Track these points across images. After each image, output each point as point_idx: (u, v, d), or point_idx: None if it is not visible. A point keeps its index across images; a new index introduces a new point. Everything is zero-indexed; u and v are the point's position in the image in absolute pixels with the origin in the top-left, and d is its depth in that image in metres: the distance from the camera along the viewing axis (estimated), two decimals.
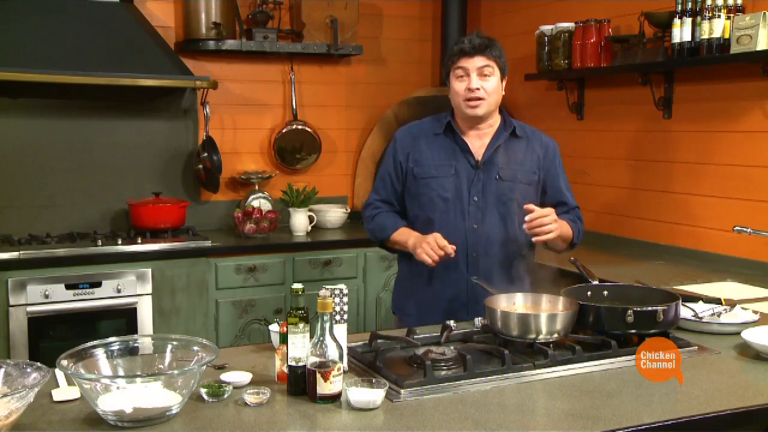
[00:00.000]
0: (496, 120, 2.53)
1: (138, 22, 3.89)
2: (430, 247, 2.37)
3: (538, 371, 1.88)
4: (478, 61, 2.40)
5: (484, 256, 2.47)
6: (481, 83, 2.41)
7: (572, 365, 1.92)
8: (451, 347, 1.99)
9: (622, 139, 3.81)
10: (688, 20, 3.18)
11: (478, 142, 2.51)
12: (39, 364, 1.64)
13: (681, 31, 3.20)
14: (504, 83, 2.50)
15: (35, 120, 3.94)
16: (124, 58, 3.73)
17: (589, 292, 2.28)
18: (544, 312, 2.12)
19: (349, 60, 4.65)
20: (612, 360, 1.96)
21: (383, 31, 4.74)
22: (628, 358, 1.95)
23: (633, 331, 2.05)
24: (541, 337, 2.00)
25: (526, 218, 2.33)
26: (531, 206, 2.34)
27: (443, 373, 1.85)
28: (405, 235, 2.50)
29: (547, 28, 3.94)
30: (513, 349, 1.98)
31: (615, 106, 3.84)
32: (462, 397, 1.75)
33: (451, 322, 2.16)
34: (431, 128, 2.58)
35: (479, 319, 2.23)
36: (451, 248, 2.36)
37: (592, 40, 3.68)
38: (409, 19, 4.80)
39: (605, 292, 2.30)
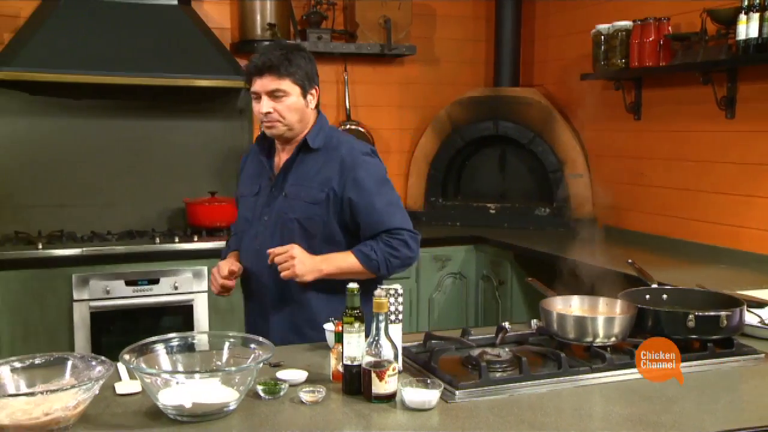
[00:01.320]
0: (303, 134, 2.31)
1: (195, 23, 3.95)
2: (212, 277, 2.32)
3: (595, 375, 1.85)
4: (268, 83, 2.19)
5: (264, 278, 2.31)
6: (273, 105, 2.20)
7: (630, 369, 1.88)
8: (506, 349, 1.97)
9: (682, 140, 3.73)
10: (756, 15, 3.08)
11: (283, 158, 2.34)
12: (103, 357, 1.68)
13: (747, 28, 3.10)
14: (313, 93, 2.27)
15: (96, 121, 4.04)
16: (181, 59, 3.79)
17: (647, 296, 2.23)
18: (601, 315, 2.08)
19: (402, 60, 4.65)
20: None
21: (436, 31, 4.73)
22: (689, 363, 1.91)
23: (694, 336, 2.00)
24: (598, 340, 1.97)
25: (268, 251, 2.19)
26: (271, 250, 2.18)
27: (498, 375, 1.84)
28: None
29: (603, 27, 3.88)
30: (569, 353, 1.96)
31: (674, 106, 3.76)
32: (517, 400, 1.73)
33: (506, 324, 2.14)
34: (259, 142, 2.40)
35: (534, 321, 2.20)
36: (230, 282, 2.27)
37: (650, 39, 3.61)
38: (462, 19, 4.78)
39: (664, 296, 2.26)
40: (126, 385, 1.78)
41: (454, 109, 4.62)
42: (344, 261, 2.23)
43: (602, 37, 3.89)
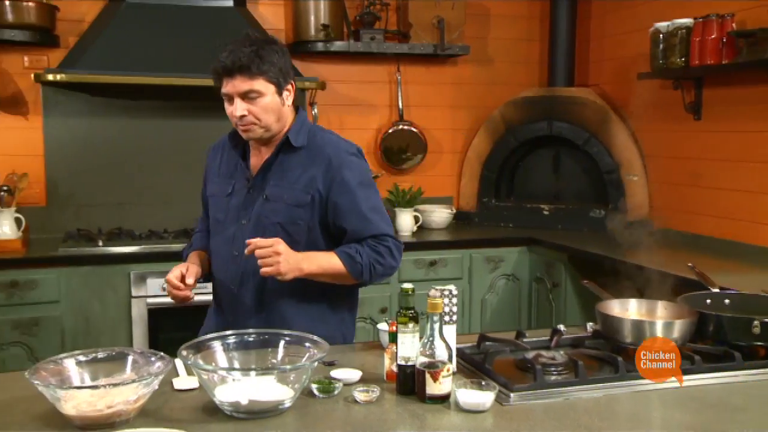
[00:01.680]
0: (282, 133, 2.16)
1: (250, 25, 3.99)
2: (168, 285, 2.11)
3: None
4: (240, 84, 2.02)
5: (242, 288, 2.17)
6: (247, 106, 2.04)
7: (691, 376, 1.83)
8: (561, 352, 1.95)
9: (745, 141, 3.62)
10: None
11: (259, 157, 2.20)
12: (162, 353, 1.72)
13: None
14: (289, 89, 2.11)
15: (154, 121, 4.12)
16: None
17: (708, 300, 2.18)
18: (660, 319, 2.04)
19: (455, 60, 4.63)
20: (736, 373, 1.87)
21: (490, 31, 4.70)
22: (755, 371, 1.85)
23: (759, 343, 1.94)
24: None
25: (246, 242, 2.02)
26: (253, 240, 2.01)
27: (553, 378, 1.82)
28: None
29: (662, 24, 3.79)
30: (626, 357, 1.92)
31: (738, 106, 3.66)
32: (573, 404, 1.70)
33: (561, 326, 2.11)
34: (232, 139, 2.25)
35: (590, 324, 2.17)
36: (184, 293, 2.08)
37: (712, 36, 3.52)
38: (516, 18, 4.74)
39: (727, 301, 2.20)
40: (184, 381, 1.81)
41: (508, 110, 4.58)
42: (327, 261, 2.09)
43: (661, 35, 3.81)
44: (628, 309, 2.13)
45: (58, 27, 3.85)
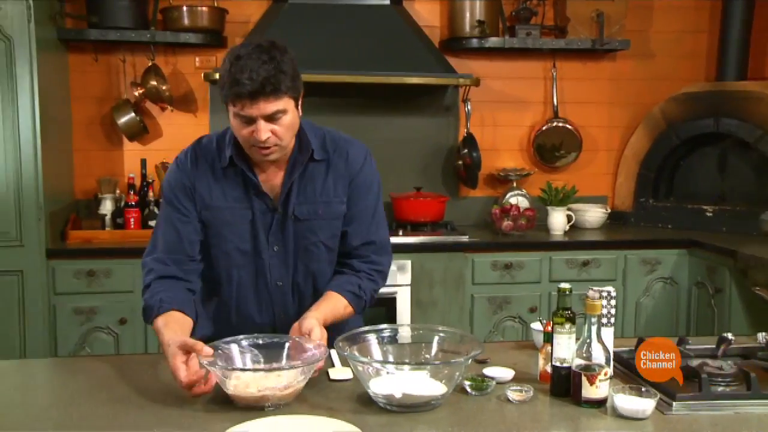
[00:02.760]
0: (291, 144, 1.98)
1: (406, 22, 4.04)
2: (177, 373, 1.67)
3: None
4: (264, 107, 1.79)
5: (286, 318, 2.01)
6: (271, 127, 1.83)
7: None
8: (730, 362, 1.84)
9: None
10: None
11: (273, 174, 1.98)
12: (319, 342, 1.77)
13: None
14: (300, 102, 1.91)
15: (315, 117, 4.20)
16: (392, 57, 3.90)
17: None
18: None
19: (614, 55, 4.47)
20: None
21: (653, 24, 4.50)
22: None
23: None
24: None
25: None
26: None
27: (720, 389, 1.72)
28: (165, 333, 1.81)
29: None
30: None
31: None
32: (744, 419, 1.61)
33: (729, 335, 1.99)
34: (213, 158, 1.99)
35: (762, 334, 2.03)
36: (204, 389, 1.67)
37: None
38: (682, 9, 4.50)
39: None
40: (339, 372, 1.86)
41: (670, 106, 4.37)
42: (338, 311, 1.97)
43: None
44: None
45: (226, 29, 4.06)
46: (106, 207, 3.92)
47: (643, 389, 1.64)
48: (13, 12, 3.34)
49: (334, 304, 1.97)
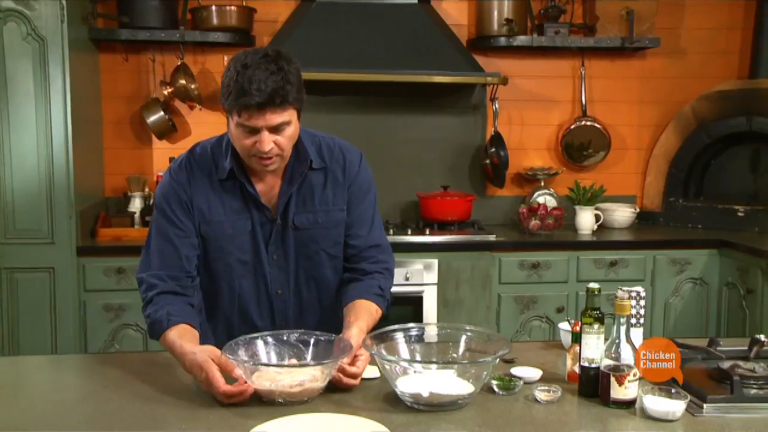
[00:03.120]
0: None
1: (433, 21, 4.04)
2: (213, 384, 1.66)
3: None
4: (271, 118, 1.78)
5: (296, 325, 2.00)
6: (274, 137, 1.82)
7: None
8: (762, 365, 1.81)
9: None
10: None
11: (270, 184, 1.97)
12: (342, 337, 1.79)
13: None
14: (300, 115, 1.90)
15: (339, 116, 4.26)
16: (419, 56, 3.90)
17: None
18: None
19: (643, 53, 4.42)
20: None
21: (684, 21, 4.44)
22: None
23: None
24: None
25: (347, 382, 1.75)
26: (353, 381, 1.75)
27: (753, 391, 1.69)
28: (184, 344, 1.79)
29: None
30: None
31: None
32: None
33: (762, 336, 1.96)
34: (212, 168, 1.96)
35: None
36: (244, 391, 1.65)
37: None
38: (716, 5, 4.43)
39: None
40: (366, 370, 1.84)
41: (701, 104, 4.31)
42: (372, 316, 1.97)
43: None
44: None
45: (255, 28, 4.09)
46: (136, 205, 3.97)
47: (673, 391, 1.63)
48: (47, 13, 3.39)
49: (368, 312, 1.96)
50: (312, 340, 1.83)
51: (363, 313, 1.93)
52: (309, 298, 2.05)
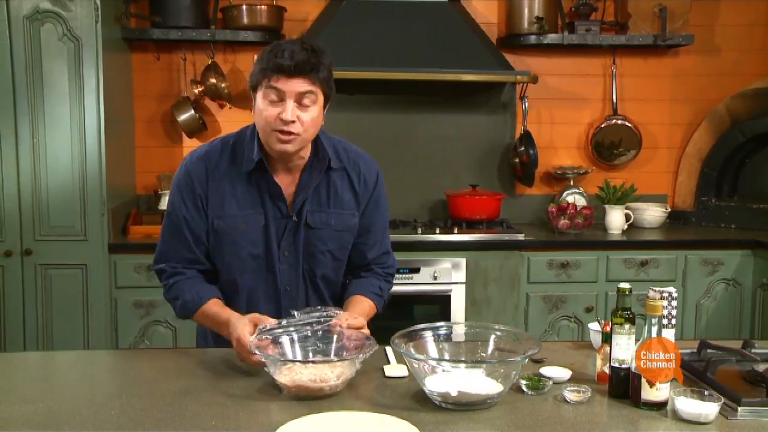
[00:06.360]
0: (307, 150, 1.98)
1: (463, 19, 4.02)
2: (240, 357, 1.83)
3: None
4: (299, 84, 1.83)
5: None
6: (298, 113, 1.85)
7: None
8: None
9: None
10: None
11: (286, 180, 1.99)
12: (368, 335, 1.81)
13: None
14: (325, 110, 1.94)
15: (367, 114, 4.27)
16: (448, 54, 3.89)
17: None
18: None
19: (676, 51, 4.37)
20: None
21: (719, 18, 4.38)
22: None
23: None
24: None
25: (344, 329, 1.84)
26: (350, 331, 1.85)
27: None
28: (230, 313, 1.93)
29: None
30: None
31: None
32: None
33: None
34: (231, 162, 1.98)
35: None
36: (253, 357, 1.76)
37: None
38: (751, 2, 4.36)
39: None
40: (394, 369, 1.86)
41: (735, 103, 4.25)
42: (366, 311, 2.04)
43: None
44: None
45: (285, 27, 4.10)
46: (166, 203, 4.00)
47: (706, 393, 1.61)
48: (81, 14, 3.43)
49: (362, 306, 2.03)
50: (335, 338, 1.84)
51: (359, 309, 2.01)
52: (313, 297, 2.09)
